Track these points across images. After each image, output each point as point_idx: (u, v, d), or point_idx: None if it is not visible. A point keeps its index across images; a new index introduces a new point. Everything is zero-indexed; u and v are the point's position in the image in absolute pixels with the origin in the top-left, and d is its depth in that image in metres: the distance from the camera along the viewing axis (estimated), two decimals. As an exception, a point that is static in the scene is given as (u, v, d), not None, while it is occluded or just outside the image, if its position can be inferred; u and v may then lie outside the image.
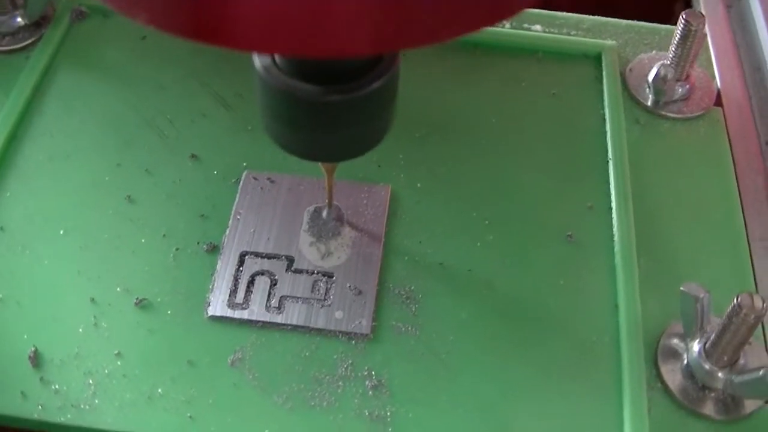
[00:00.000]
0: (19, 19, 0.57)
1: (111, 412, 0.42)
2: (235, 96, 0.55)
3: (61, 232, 0.48)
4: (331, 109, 0.36)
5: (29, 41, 0.57)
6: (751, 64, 0.58)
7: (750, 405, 0.42)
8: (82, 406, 0.42)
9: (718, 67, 0.57)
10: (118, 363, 0.44)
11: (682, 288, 0.42)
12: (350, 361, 0.44)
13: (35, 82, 0.54)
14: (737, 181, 0.51)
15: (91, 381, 0.43)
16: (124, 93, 0.55)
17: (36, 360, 0.44)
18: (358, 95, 0.36)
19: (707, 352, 0.42)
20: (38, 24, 0.58)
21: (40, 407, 0.42)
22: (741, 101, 0.55)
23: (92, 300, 0.46)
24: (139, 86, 0.55)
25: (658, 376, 0.44)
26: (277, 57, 0.36)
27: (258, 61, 0.36)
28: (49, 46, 0.56)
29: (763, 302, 0.39)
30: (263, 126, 0.40)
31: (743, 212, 0.50)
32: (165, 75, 0.56)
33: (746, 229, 0.49)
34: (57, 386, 0.43)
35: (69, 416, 0.42)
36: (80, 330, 0.45)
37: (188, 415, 0.42)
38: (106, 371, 0.43)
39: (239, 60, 0.56)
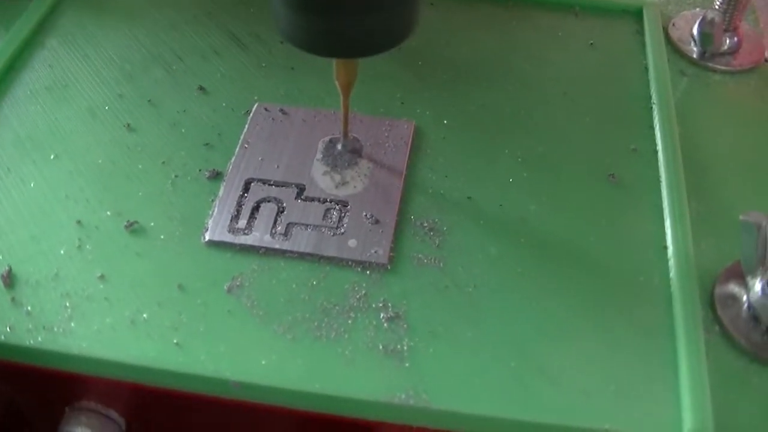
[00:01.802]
0: (28, -39, 0.55)
1: (87, 336, 0.37)
2: (251, 35, 0.51)
3: (52, 156, 0.44)
4: None
5: (37, -17, 0.54)
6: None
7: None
8: (55, 329, 0.37)
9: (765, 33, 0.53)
10: (101, 286, 0.39)
11: (741, 217, 0.37)
12: (364, 292, 0.38)
13: (39, 18, 0.51)
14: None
15: (68, 303, 0.38)
16: (131, 31, 0.51)
17: (9, 280, 0.39)
18: None
19: (775, 289, 0.37)
20: (48, -33, 0.55)
21: (8, 329, 0.37)
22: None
23: (78, 222, 0.41)
24: (148, 26, 0.52)
25: (716, 319, 0.38)
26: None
27: None
28: (57, -14, 0.54)
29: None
30: (276, 25, 0.36)
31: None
32: (178, 16, 0.53)
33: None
34: (29, 308, 0.38)
35: (39, 339, 0.37)
36: (62, 252, 0.40)
37: (174, 341, 0.37)
38: (86, 294, 0.38)
39: (258, 2, 0.53)
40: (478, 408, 0.35)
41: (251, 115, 0.46)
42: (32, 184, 0.43)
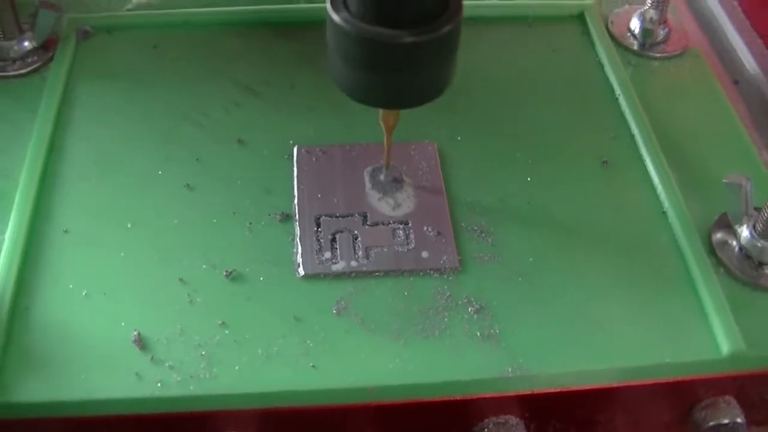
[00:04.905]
0: (26, 43, 0.57)
1: (233, 376, 0.43)
2: (263, 84, 0.57)
3: (129, 225, 0.48)
4: (408, 50, 0.40)
5: (39, 64, 0.57)
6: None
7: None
8: (201, 376, 0.42)
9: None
10: (226, 332, 0.44)
11: (725, 180, 0.48)
12: (448, 294, 0.46)
13: (60, 95, 0.54)
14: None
15: (203, 352, 0.43)
16: (147, 95, 0.56)
17: (141, 343, 0.43)
18: (432, 37, 0.40)
19: (760, 233, 0.47)
20: (45, 47, 0.58)
21: (158, 384, 0.42)
22: (706, 49, 0.64)
23: (181, 280, 0.46)
24: (163, 87, 0.56)
25: (719, 263, 0.48)
26: (352, 8, 0.40)
27: (335, 15, 0.40)
28: (63, 63, 0.56)
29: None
30: (334, 81, 0.43)
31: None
32: (185, 74, 0.57)
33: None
34: (170, 363, 0.43)
35: (192, 387, 0.42)
36: (176, 309, 0.45)
37: (310, 365, 0.43)
38: (216, 341, 0.44)
39: (261, 51, 0.59)
40: (567, 366, 0.44)
41: (294, 158, 0.52)
42: (122, 254, 0.47)
